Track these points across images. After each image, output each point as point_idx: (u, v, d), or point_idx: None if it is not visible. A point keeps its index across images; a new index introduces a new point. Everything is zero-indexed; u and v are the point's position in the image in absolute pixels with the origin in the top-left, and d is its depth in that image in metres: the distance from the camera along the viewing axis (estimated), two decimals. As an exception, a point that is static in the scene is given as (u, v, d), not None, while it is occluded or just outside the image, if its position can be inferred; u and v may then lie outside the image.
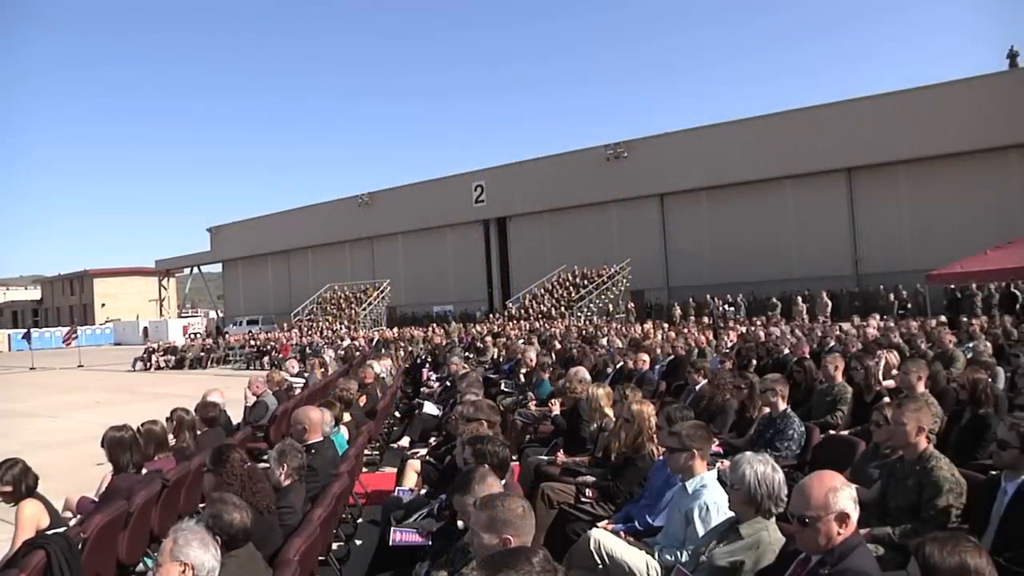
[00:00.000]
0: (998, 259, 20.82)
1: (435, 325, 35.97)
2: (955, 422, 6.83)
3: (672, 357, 13.24)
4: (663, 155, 42.81)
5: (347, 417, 8.61)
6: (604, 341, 17.75)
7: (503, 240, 51.39)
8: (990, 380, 7.55)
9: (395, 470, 8.39)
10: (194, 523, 3.52)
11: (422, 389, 14.47)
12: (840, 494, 3.24)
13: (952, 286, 25.39)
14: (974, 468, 5.19)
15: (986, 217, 32.17)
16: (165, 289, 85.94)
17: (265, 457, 5.94)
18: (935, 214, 34.87)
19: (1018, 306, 22.46)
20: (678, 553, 4.37)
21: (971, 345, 11.80)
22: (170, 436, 7.36)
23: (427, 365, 18.34)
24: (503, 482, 4.62)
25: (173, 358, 33.73)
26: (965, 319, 17.18)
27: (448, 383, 12.63)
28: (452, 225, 52.49)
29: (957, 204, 34.18)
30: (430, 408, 10.72)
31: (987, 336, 13.31)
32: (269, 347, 32.75)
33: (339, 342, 29.68)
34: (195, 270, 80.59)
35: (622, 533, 4.90)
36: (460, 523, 4.24)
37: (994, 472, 4.53)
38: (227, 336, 42.41)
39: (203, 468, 5.37)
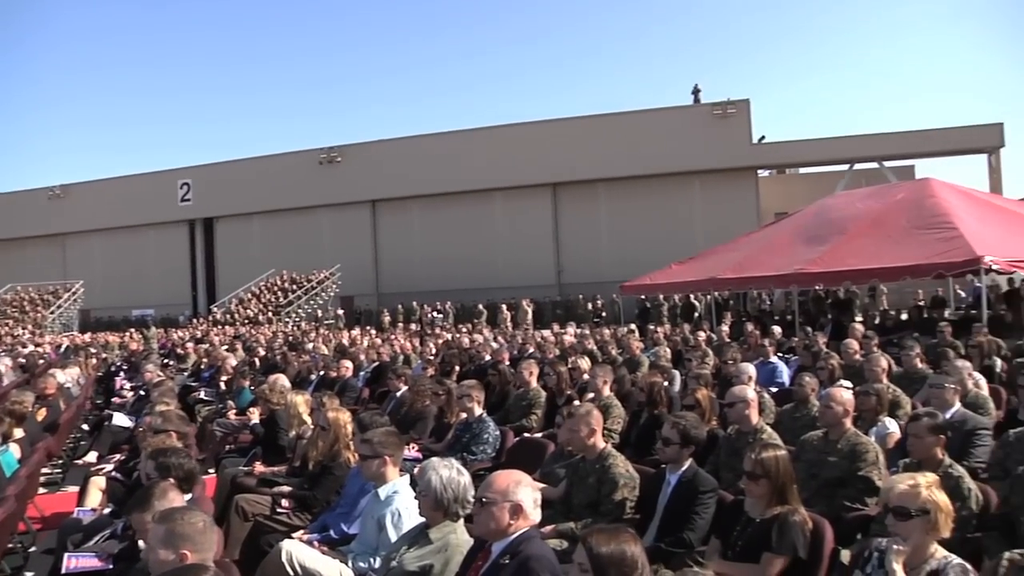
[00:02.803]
0: (681, 273, 22.69)
1: (133, 330, 33.78)
2: (635, 422, 7.37)
3: (376, 364, 13.28)
4: (377, 162, 42.95)
5: (19, 433, 7.86)
6: (310, 347, 17.45)
7: (209, 242, 49.27)
8: (666, 383, 8.21)
9: (78, 489, 7.77)
10: None
11: (114, 399, 13.51)
12: (521, 489, 3.47)
13: (643, 296, 27.35)
14: (649, 463, 5.60)
15: (673, 234, 35.30)
16: None
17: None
18: (630, 230, 37.78)
19: (696, 315, 24.60)
20: (371, 560, 4.38)
21: (655, 351, 12.76)
22: None
23: (122, 373, 17.17)
24: (190, 496, 4.44)
25: None
26: (652, 327, 18.53)
27: (143, 392, 11.89)
28: (155, 224, 49.38)
29: (649, 222, 37.34)
30: (120, 419, 10.03)
31: (669, 343, 14.47)
32: (-70, 355, 29.16)
33: (20, 349, 27.02)
34: None
35: (316, 543, 4.83)
36: (142, 543, 4.00)
37: (663, 465, 4.92)
38: None
39: None
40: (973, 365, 8.47)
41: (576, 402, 7.04)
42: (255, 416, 8.84)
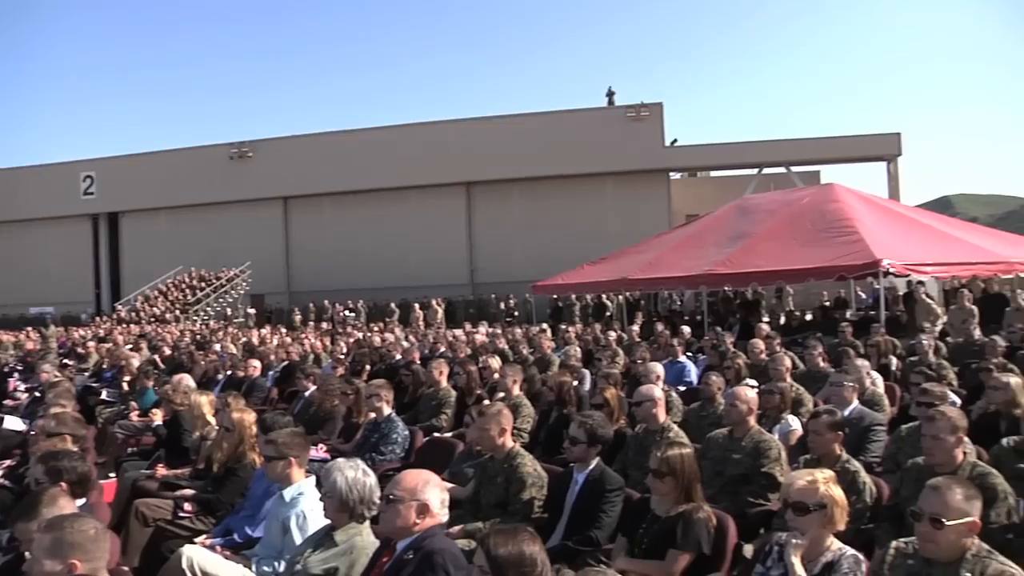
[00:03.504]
0: (593, 273, 22.93)
1: (30, 328, 32.54)
2: (544, 421, 7.40)
3: (286, 363, 13.08)
4: (289, 158, 42.15)
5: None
6: (217, 347, 17.06)
7: (114, 237, 47.67)
8: (576, 383, 8.28)
9: (-41, 501, 7.43)
10: None
11: (6, 401, 13.00)
12: (429, 489, 3.51)
13: (555, 296, 27.49)
14: (559, 463, 5.64)
15: (586, 235, 35.45)
16: None
17: None
18: (543, 230, 37.91)
19: (608, 315, 24.85)
20: (275, 564, 4.31)
21: (565, 350, 12.84)
22: None
23: (16, 374, 16.53)
24: (83, 502, 4.29)
25: None
26: (564, 327, 18.65)
27: (38, 394, 11.47)
28: (55, 218, 47.48)
29: (562, 222, 37.48)
30: (12, 423, 9.60)
31: (580, 342, 14.58)
32: None
33: (-96, 349, 25.74)
34: None
35: (218, 547, 4.73)
36: (28, 554, 3.85)
37: (571, 464, 4.95)
38: None
39: None
40: (871, 364, 8.78)
41: (486, 401, 7.05)
42: (158, 417, 8.62)
